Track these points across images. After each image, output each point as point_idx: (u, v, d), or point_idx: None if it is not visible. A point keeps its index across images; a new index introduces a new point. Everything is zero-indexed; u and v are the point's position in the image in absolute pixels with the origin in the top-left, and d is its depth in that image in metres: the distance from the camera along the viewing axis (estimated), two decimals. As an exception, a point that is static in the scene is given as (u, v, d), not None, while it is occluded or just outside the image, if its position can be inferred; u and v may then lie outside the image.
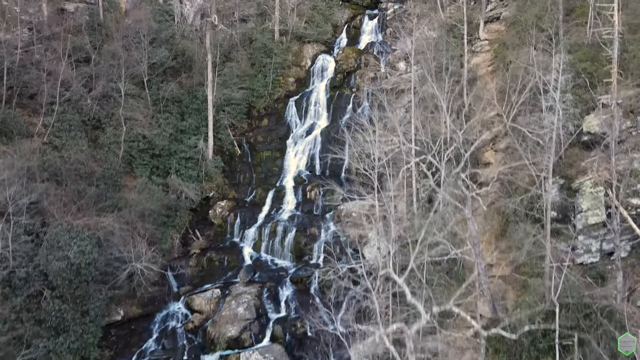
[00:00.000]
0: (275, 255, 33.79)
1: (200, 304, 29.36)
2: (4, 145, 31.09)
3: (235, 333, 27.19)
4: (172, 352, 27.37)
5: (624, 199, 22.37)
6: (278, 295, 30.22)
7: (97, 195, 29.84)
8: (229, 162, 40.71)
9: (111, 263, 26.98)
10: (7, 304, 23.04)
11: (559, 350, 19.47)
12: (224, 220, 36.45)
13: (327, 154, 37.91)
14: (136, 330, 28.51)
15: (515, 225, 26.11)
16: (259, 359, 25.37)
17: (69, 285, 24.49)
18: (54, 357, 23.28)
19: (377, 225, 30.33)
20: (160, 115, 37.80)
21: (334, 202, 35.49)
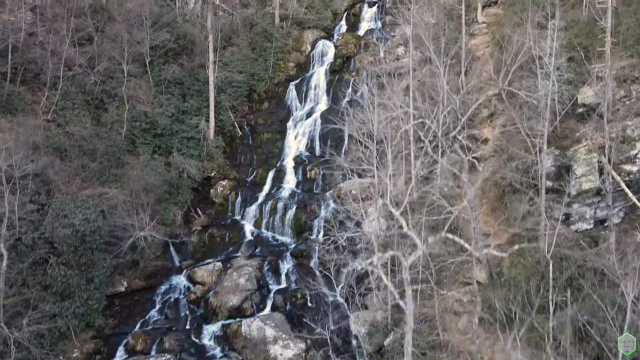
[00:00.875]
0: (276, 231, 34.28)
1: (202, 276, 29.87)
2: (9, 123, 31.57)
3: (236, 302, 27.69)
4: (175, 322, 27.86)
5: (617, 165, 22.92)
6: (279, 268, 30.74)
7: (100, 170, 30.37)
8: (230, 143, 41.22)
9: (115, 233, 27.51)
10: (13, 269, 23.52)
11: (553, 306, 19.98)
12: (225, 199, 36.95)
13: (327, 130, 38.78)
14: (139, 301, 28.99)
15: (511, 196, 26.63)
16: (260, 325, 25.82)
17: (74, 253, 24.98)
18: (60, 321, 23.78)
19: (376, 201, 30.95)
20: (162, 96, 38.28)
21: (334, 180, 36.07)
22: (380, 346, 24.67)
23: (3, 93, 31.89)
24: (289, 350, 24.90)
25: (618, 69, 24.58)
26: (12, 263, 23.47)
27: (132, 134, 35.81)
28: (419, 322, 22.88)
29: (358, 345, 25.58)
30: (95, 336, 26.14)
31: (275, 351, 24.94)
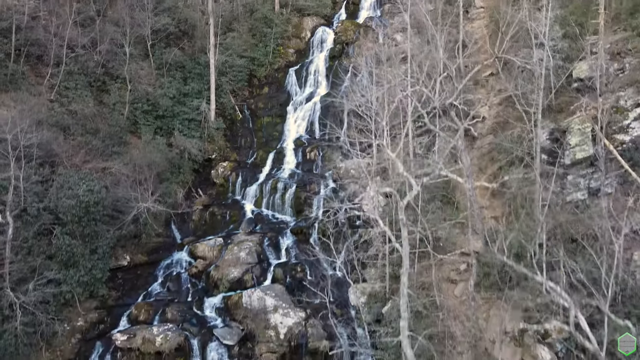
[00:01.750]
0: (276, 210, 34.75)
1: (204, 251, 30.33)
2: (13, 102, 32.04)
3: (237, 275, 28.15)
4: (177, 295, 28.29)
5: (610, 135, 23.41)
6: (279, 243, 31.19)
7: (103, 148, 30.82)
8: (231, 126, 41.69)
9: (118, 207, 28.01)
10: (19, 238, 23.98)
11: (545, 267, 20.46)
12: (226, 179, 37.42)
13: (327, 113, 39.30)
14: (142, 275, 29.45)
15: (507, 169, 27.15)
16: (261, 295, 26.28)
17: (78, 223, 25.44)
18: (64, 287, 24.23)
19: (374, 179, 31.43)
20: (164, 79, 38.76)
21: (333, 161, 36.57)
22: (379, 315, 25.13)
23: (7, 72, 32.33)
24: (289, 319, 25.34)
25: (612, 43, 25.06)
26: (17, 232, 23.94)
27: (134, 115, 36.27)
28: (416, 289, 23.37)
29: (357, 315, 26.06)
30: (98, 307, 26.60)
31: (276, 319, 25.39)
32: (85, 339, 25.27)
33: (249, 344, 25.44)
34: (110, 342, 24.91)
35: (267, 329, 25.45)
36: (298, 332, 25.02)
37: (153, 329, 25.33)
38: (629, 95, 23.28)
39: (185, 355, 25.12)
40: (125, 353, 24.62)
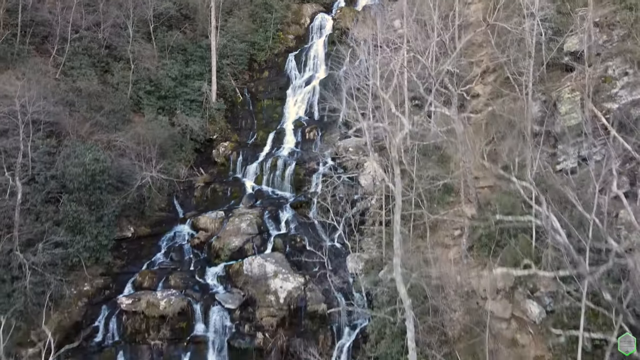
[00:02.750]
0: (276, 187, 35.59)
1: (205, 223, 31.16)
2: (18, 80, 32.83)
3: (238, 244, 28.99)
4: (180, 264, 29.10)
5: (599, 104, 24.24)
6: (278, 216, 32.03)
7: (107, 123, 31.63)
8: (231, 109, 42.53)
9: (123, 178, 28.85)
10: (27, 204, 24.80)
11: (534, 229, 21.31)
12: (227, 158, 38.26)
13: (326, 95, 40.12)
14: (145, 246, 30.28)
15: (500, 141, 27.96)
16: (261, 262, 27.10)
17: (85, 191, 26.26)
18: (71, 251, 25.07)
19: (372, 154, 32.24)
20: (166, 61, 39.60)
21: (332, 140, 37.42)
22: (376, 282, 25.94)
23: (13, 51, 33.13)
24: (289, 283, 26.17)
25: (601, 17, 25.87)
26: (26, 198, 24.76)
27: (137, 94, 37.11)
28: (412, 253, 24.17)
29: (355, 281, 26.86)
30: (104, 273, 27.45)
31: (276, 284, 26.21)
32: (91, 303, 26.13)
33: (250, 308, 26.27)
34: (116, 306, 25.76)
35: (268, 294, 26.28)
36: (297, 296, 25.86)
37: (157, 293, 26.19)
38: (616, 65, 24.09)
39: (188, 319, 25.96)
40: (130, 316, 25.44)
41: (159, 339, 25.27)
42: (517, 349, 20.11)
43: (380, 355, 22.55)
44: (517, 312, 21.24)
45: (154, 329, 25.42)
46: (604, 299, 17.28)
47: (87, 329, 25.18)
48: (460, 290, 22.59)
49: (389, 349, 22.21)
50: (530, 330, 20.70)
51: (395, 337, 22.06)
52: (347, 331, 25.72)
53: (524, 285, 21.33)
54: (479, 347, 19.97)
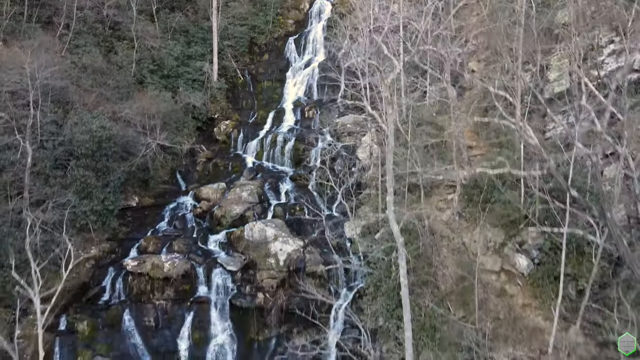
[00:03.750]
0: (276, 162, 36.58)
1: (207, 193, 32.11)
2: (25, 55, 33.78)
3: (239, 211, 29.95)
4: (183, 232, 30.02)
5: (587, 71, 25.20)
6: (279, 187, 33.03)
7: (112, 97, 32.60)
8: (232, 89, 43.57)
9: (128, 148, 29.81)
10: (36, 169, 25.79)
11: (523, 186, 22.31)
12: (228, 136, 39.25)
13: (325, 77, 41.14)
14: (149, 215, 31.26)
15: (493, 111, 28.96)
16: (262, 227, 28.04)
17: (92, 157, 27.22)
18: (79, 213, 26.06)
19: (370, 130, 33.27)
20: (169, 42, 40.65)
21: (331, 117, 38.40)
22: (372, 244, 26.91)
23: (21, 28, 34.11)
24: (288, 246, 27.13)
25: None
26: (35, 163, 25.72)
27: (140, 73, 38.09)
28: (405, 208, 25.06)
29: (352, 245, 27.86)
30: (110, 238, 28.45)
31: (276, 247, 27.17)
32: (98, 265, 27.10)
33: (251, 271, 27.22)
34: (122, 268, 26.73)
35: (268, 257, 27.24)
36: (296, 257, 26.81)
37: (161, 256, 27.16)
38: (603, 33, 25.06)
39: (191, 282, 26.91)
40: (136, 277, 26.41)
41: (163, 299, 26.23)
42: (506, 298, 21.11)
43: (377, 309, 23.56)
44: (507, 265, 22.24)
45: (158, 290, 26.37)
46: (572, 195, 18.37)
47: (94, 289, 26.14)
48: (454, 249, 23.61)
49: (385, 303, 23.24)
50: (518, 282, 21.72)
51: (391, 291, 23.06)
52: (345, 292, 26.69)
53: (513, 241, 22.32)
54: (470, 297, 20.95)
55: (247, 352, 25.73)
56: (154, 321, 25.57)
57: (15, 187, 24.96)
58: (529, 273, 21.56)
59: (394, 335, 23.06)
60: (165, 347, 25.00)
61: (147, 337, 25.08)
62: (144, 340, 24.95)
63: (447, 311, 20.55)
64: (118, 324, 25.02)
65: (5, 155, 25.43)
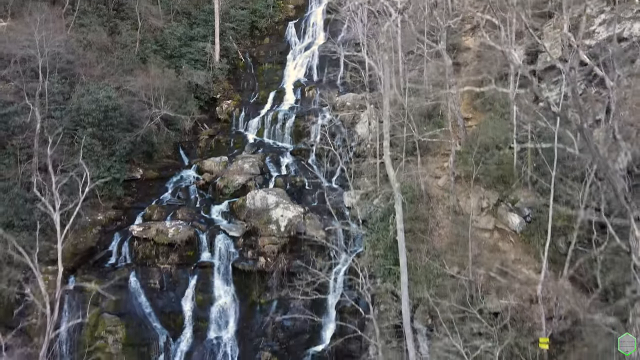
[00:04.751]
0: (277, 139, 37.38)
1: (210, 166, 32.91)
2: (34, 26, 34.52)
3: (241, 181, 30.77)
4: (186, 202, 30.86)
5: (579, 40, 25.98)
6: (279, 161, 33.87)
7: (115, 73, 33.40)
8: (234, 71, 44.38)
9: (133, 121, 30.59)
10: (44, 136, 26.55)
11: (516, 147, 23.11)
12: (230, 115, 40.05)
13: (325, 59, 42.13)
14: (153, 187, 32.07)
15: (489, 84, 29.77)
16: (263, 195, 28.84)
17: (98, 126, 28.02)
18: (86, 179, 26.79)
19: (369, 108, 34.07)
20: (171, 23, 41.47)
21: (330, 96, 39.20)
22: (370, 209, 27.72)
23: (28, 5, 34.83)
24: (289, 212, 27.93)
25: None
26: (43, 130, 26.51)
27: (144, 53, 38.85)
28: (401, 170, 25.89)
29: (351, 213, 28.66)
30: (116, 206, 29.28)
31: (277, 214, 27.97)
32: (105, 231, 27.93)
33: (253, 237, 28.02)
34: (128, 233, 27.54)
35: (269, 223, 28.04)
36: (297, 223, 27.63)
37: (166, 223, 27.98)
38: (594, 3, 25.86)
39: (194, 248, 27.72)
40: (141, 242, 27.21)
41: (167, 263, 27.04)
42: (499, 253, 21.93)
43: (375, 269, 24.38)
44: (500, 224, 23.08)
45: (163, 255, 27.17)
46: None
47: (101, 253, 26.95)
48: (448, 203, 24.41)
49: (383, 262, 24.07)
50: (511, 239, 22.55)
51: (388, 250, 23.89)
52: (344, 257, 27.49)
53: (506, 201, 23.14)
54: (464, 253, 21.77)
55: (249, 313, 26.55)
56: (159, 283, 26.39)
57: (25, 153, 25.75)
58: (521, 230, 22.38)
59: (391, 293, 23.92)
60: (170, 307, 25.81)
61: (153, 298, 25.89)
62: (149, 300, 25.76)
63: (442, 267, 21.33)
64: (124, 285, 25.83)
65: (15, 122, 26.23)
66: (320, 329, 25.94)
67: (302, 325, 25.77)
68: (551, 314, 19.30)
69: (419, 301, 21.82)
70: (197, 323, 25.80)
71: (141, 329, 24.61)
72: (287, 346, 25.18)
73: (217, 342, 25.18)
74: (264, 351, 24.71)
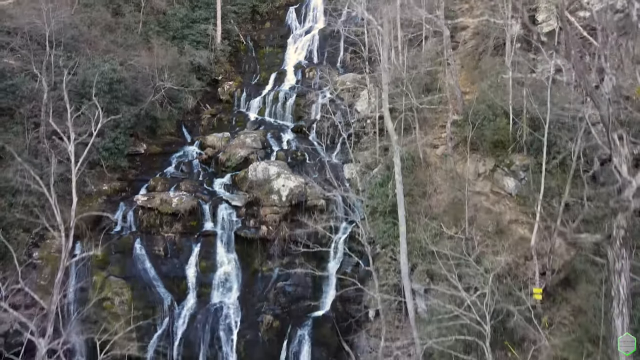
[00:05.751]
0: (278, 117, 37.98)
1: (213, 141, 33.51)
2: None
3: (244, 154, 31.34)
4: (189, 175, 31.47)
5: (573, 12, 26.63)
6: (281, 137, 34.48)
7: (119, 48, 34.03)
8: (235, 54, 45.01)
9: (137, 96, 31.18)
10: (51, 105, 27.15)
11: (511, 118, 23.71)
12: (231, 95, 40.66)
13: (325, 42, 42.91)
14: (157, 161, 32.66)
15: (486, 57, 30.43)
16: (265, 166, 29.44)
17: (103, 98, 28.56)
18: (92, 149, 27.40)
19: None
20: (174, 6, 42.07)
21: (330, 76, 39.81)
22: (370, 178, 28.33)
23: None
24: (290, 182, 28.52)
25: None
26: (49, 100, 27.10)
27: (147, 34, 39.46)
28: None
29: (351, 181, 29.30)
30: (120, 178, 29.89)
31: (278, 184, 28.56)
32: (110, 201, 28.54)
33: (255, 207, 28.64)
34: (132, 203, 28.13)
35: (271, 193, 28.64)
36: (298, 192, 28.23)
37: (170, 193, 28.57)
38: (588, -25, 26.48)
39: (197, 218, 28.31)
40: (146, 211, 27.78)
41: (171, 232, 27.63)
42: (494, 215, 22.54)
43: (375, 234, 25.00)
44: (496, 188, 23.69)
45: (167, 225, 27.75)
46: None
47: (106, 221, 27.51)
48: (447, 177, 25.05)
49: (382, 226, 24.70)
50: (507, 202, 23.17)
51: (387, 215, 24.52)
52: (344, 225, 28.11)
53: (502, 165, 23.75)
54: (461, 215, 22.40)
55: (252, 280, 27.15)
56: (164, 251, 26.99)
57: (32, 122, 26.34)
58: (516, 193, 22.98)
59: (390, 257, 24.55)
60: (174, 272, 26.40)
61: (157, 264, 26.49)
62: (154, 266, 26.35)
63: (439, 226, 21.94)
64: (129, 251, 26.44)
65: (23, 92, 26.82)
66: (321, 295, 26.58)
67: (303, 291, 26.38)
68: (545, 269, 19.94)
69: (417, 263, 22.41)
70: (200, 289, 26.41)
71: (146, 292, 25.22)
72: (289, 310, 25.76)
73: (220, 305, 25.78)
74: (265, 314, 25.28)
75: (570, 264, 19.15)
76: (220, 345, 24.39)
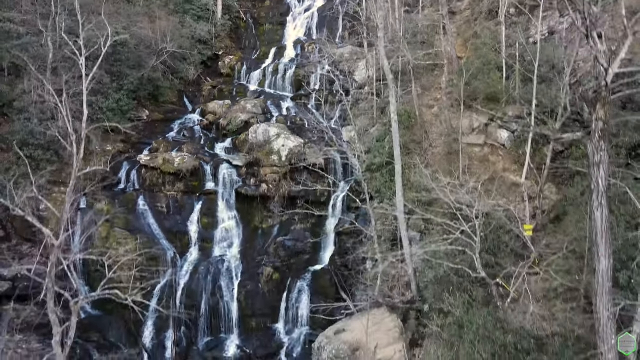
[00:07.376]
0: (277, 89, 38.68)
1: (214, 108, 34.21)
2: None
3: (244, 119, 32.03)
4: (191, 139, 32.13)
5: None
6: (280, 105, 35.17)
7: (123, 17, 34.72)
8: (236, 30, 45.74)
9: (140, 62, 31.84)
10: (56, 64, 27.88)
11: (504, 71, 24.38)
12: (232, 68, 41.33)
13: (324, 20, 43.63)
14: (159, 127, 33.32)
15: (481, 24, 31.09)
16: (265, 128, 30.12)
17: (107, 61, 29.19)
18: (96, 109, 28.16)
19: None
20: (174, -18, 42.78)
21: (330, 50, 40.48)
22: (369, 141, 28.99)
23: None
24: (290, 142, 29.23)
25: None
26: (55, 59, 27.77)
27: (148, 8, 40.03)
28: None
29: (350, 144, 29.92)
30: (124, 140, 30.51)
31: (278, 144, 29.27)
32: (114, 160, 29.10)
33: (255, 167, 29.33)
34: (136, 162, 28.80)
35: (271, 154, 29.34)
36: (297, 152, 28.92)
37: (172, 153, 29.26)
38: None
39: (199, 179, 28.99)
40: (149, 170, 28.48)
41: (174, 191, 28.32)
42: (488, 164, 23.23)
43: (372, 189, 25.65)
44: (490, 140, 24.37)
45: (169, 184, 28.45)
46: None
47: (111, 178, 28.16)
48: (442, 131, 25.72)
49: (381, 181, 25.37)
50: (500, 153, 23.85)
51: (384, 168, 25.19)
52: (342, 185, 28.80)
53: (495, 118, 24.44)
54: (456, 165, 23.07)
55: (252, 236, 27.84)
56: (166, 207, 27.69)
57: (38, 80, 26.95)
58: (510, 145, 23.66)
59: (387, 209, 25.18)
60: (177, 228, 27.10)
61: (160, 220, 27.19)
62: (157, 221, 27.05)
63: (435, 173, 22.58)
64: (133, 206, 27.14)
65: (29, 53, 27.47)
66: (320, 250, 27.25)
67: (302, 246, 27.05)
68: (535, 211, 20.64)
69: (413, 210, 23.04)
70: (202, 243, 27.10)
71: (150, 244, 25.85)
72: (288, 264, 26.43)
73: (221, 258, 26.47)
74: (266, 267, 25.96)
75: (560, 203, 19.82)
76: (222, 295, 25.07)
